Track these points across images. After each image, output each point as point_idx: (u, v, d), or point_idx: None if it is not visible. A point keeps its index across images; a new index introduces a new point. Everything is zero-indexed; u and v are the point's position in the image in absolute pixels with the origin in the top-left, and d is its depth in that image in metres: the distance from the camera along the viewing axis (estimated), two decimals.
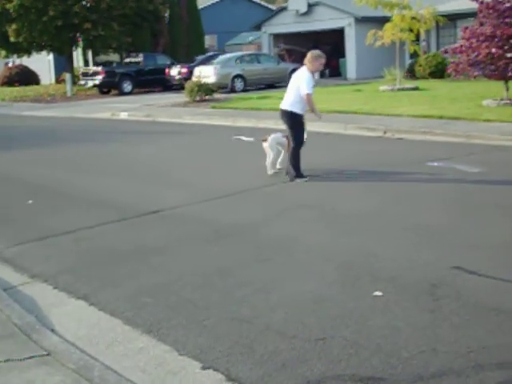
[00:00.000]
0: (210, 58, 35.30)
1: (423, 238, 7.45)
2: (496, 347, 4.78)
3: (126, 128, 21.05)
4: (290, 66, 33.80)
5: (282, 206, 9.18)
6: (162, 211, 9.22)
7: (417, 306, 5.58)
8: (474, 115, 16.94)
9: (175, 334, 5.28)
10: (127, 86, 36.49)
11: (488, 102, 18.84)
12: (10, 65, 52.25)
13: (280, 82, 31.35)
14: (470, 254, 6.83)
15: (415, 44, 26.53)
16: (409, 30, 25.54)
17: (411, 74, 32.90)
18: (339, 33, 38.50)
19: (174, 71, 35.87)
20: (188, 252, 7.40)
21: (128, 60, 39.73)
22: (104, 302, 6.05)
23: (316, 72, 10.59)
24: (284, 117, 10.82)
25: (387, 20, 26.34)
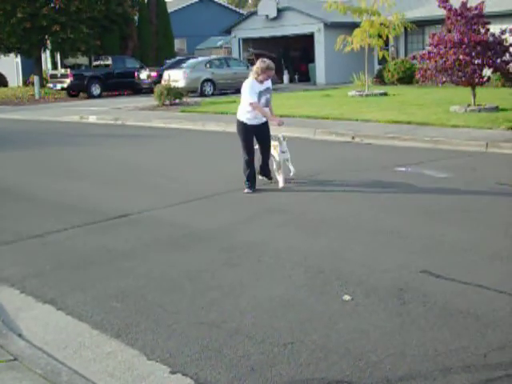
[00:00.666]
0: (180, 62, 35.28)
1: (391, 243, 7.50)
2: (463, 350, 4.83)
3: (94, 131, 20.93)
4: None
5: (252, 211, 9.19)
6: (131, 215, 9.18)
7: (385, 309, 5.63)
8: (441, 121, 17.12)
9: (144, 339, 5.26)
10: (96, 90, 36.28)
11: (455, 108, 19.04)
12: None
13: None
14: (437, 258, 6.89)
15: (384, 50, 26.73)
16: (378, 35, 25.73)
17: (380, 79, 33.17)
18: (309, 38, 38.70)
19: (144, 75, 35.78)
20: (157, 256, 7.37)
21: (97, 63, 39.53)
22: (72, 306, 6.01)
23: (265, 80, 10.12)
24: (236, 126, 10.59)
25: (356, 26, 26.52)
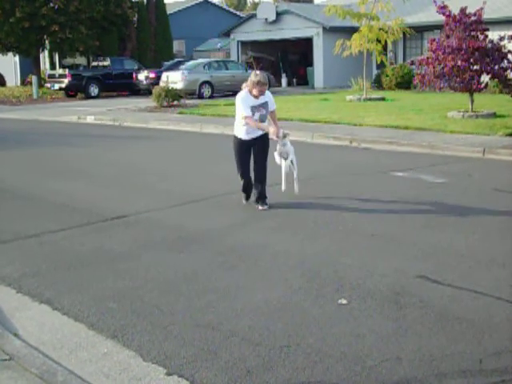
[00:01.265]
0: (178, 64, 35.28)
1: (388, 247, 7.51)
2: (459, 355, 4.84)
3: (92, 132, 20.92)
4: None
5: (249, 213, 9.20)
6: (128, 216, 9.17)
7: (381, 314, 5.63)
8: (439, 126, 17.16)
9: (140, 340, 5.26)
10: (94, 90, 36.25)
11: (453, 114, 19.08)
12: None
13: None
14: (433, 264, 6.90)
15: (382, 55, 26.77)
16: (376, 40, 25.78)
17: (378, 84, 33.21)
18: (307, 42, 38.74)
19: (142, 76, 35.76)
20: (153, 257, 7.37)
21: (95, 64, 39.51)
22: (68, 306, 6.00)
23: (260, 95, 8.97)
24: None
25: (355, 30, 26.57)
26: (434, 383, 4.46)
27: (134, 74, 36.28)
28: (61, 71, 37.67)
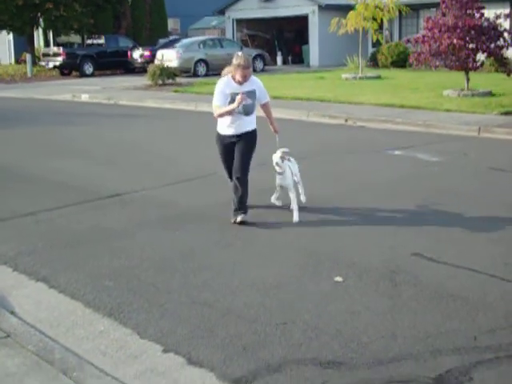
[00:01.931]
0: (173, 42, 35.08)
1: (383, 225, 7.54)
2: (453, 332, 4.87)
3: (87, 110, 20.85)
4: (252, 52, 33.73)
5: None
6: (123, 195, 9.17)
7: (376, 291, 5.66)
8: (434, 105, 17.13)
9: (136, 318, 5.28)
10: (88, 68, 36.05)
11: (448, 93, 19.04)
12: None
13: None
14: (428, 242, 6.93)
15: (378, 33, 26.66)
16: (372, 18, 25.64)
17: (373, 62, 33.09)
18: (303, 20, 38.52)
19: (137, 54, 35.56)
20: (149, 236, 7.38)
21: (90, 42, 39.25)
22: (64, 284, 6.01)
23: (244, 80, 7.42)
24: None
25: (351, 8, 26.43)
26: (428, 360, 4.49)
27: (129, 52, 36.07)
28: (55, 49, 37.41)
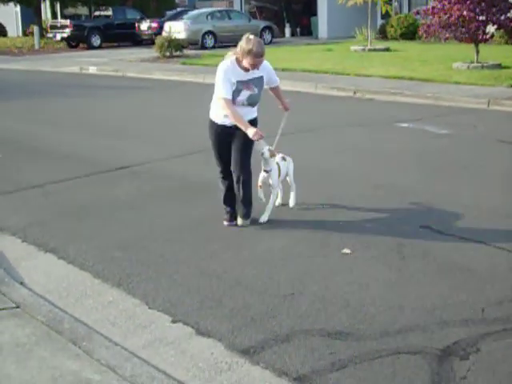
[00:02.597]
0: (181, 14, 34.85)
1: (391, 198, 7.52)
2: (461, 304, 4.87)
3: (94, 82, 20.80)
4: (261, 24, 33.55)
5: (253, 164, 9.16)
6: (131, 167, 9.18)
7: (384, 263, 5.66)
8: (444, 77, 17.02)
9: (145, 288, 5.31)
10: (96, 40, 35.91)
11: (458, 65, 18.90)
12: None
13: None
14: (437, 214, 6.92)
15: (387, 4, 26.41)
16: None
17: (382, 34, 32.84)
18: None
19: (144, 26, 35.38)
20: (158, 207, 7.39)
21: (97, 14, 39.05)
22: (73, 255, 6.04)
23: (253, 68, 6.21)
24: None
25: None
26: (436, 331, 4.50)
27: (137, 24, 35.88)
28: (62, 21, 37.26)
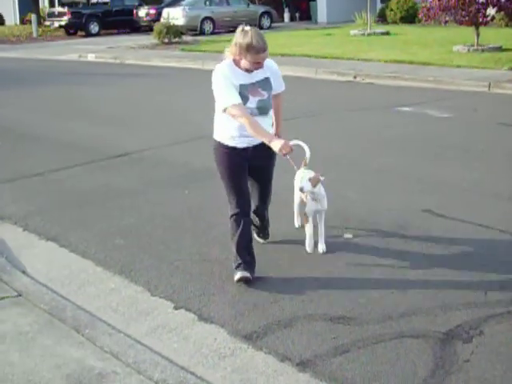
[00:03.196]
0: (179, 0, 34.71)
1: (393, 181, 7.51)
2: (463, 288, 4.87)
3: (93, 70, 20.74)
4: (259, 9, 33.42)
5: None
6: (132, 154, 9.16)
7: (386, 247, 5.65)
8: (444, 61, 16.95)
9: (147, 275, 5.30)
10: (94, 27, 35.77)
11: (458, 48, 18.82)
12: None
13: (250, 25, 30.95)
14: (438, 198, 6.91)
15: None
16: None
17: (382, 18, 32.68)
18: None
19: (142, 12, 35.23)
20: (159, 194, 7.38)
21: (95, 1, 38.84)
22: (75, 243, 6.03)
23: (255, 68, 4.89)
24: None
25: None
26: (439, 314, 4.50)
27: (135, 11, 35.74)
28: (60, 9, 37.10)
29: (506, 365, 3.89)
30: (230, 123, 4.95)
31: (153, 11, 34.29)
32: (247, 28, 4.91)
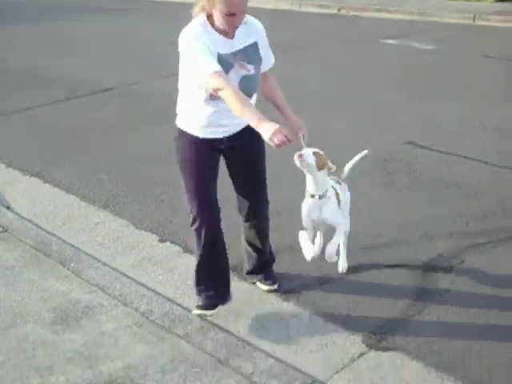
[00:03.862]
0: None
1: (376, 116, 7.50)
2: (446, 218, 4.93)
3: (77, 3, 20.33)
4: None
5: None
6: (117, 88, 9.07)
7: (370, 179, 5.68)
8: None
9: (132, 209, 5.32)
10: None
11: None
12: None
13: None
14: (422, 130, 6.93)
15: None
16: None
17: None
18: None
19: None
20: (144, 129, 7.34)
21: None
22: (59, 179, 6.02)
23: (236, 25, 3.43)
24: None
25: None
26: (420, 244, 4.56)
27: None
28: None
29: (485, 294, 3.97)
30: (202, 109, 3.61)
31: None
32: None
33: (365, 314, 3.81)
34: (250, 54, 3.56)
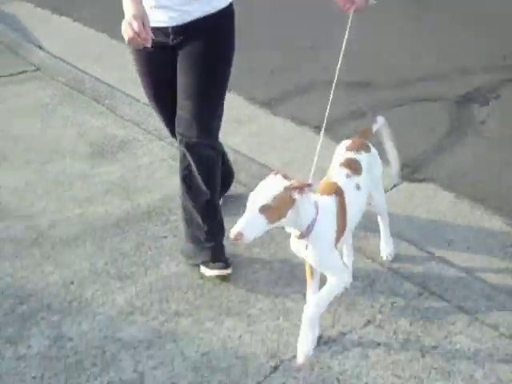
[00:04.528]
0: None
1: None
2: (482, 52, 4.81)
3: None
4: None
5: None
6: None
7: (405, 14, 5.52)
8: None
9: None
10: None
11: None
12: None
13: None
14: None
15: None
16: None
17: None
18: None
19: None
20: None
21: None
22: (88, 17, 5.93)
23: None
24: None
25: None
26: (456, 79, 4.48)
27: None
28: None
29: None
30: None
31: None
32: None
33: (398, 146, 3.81)
34: None
